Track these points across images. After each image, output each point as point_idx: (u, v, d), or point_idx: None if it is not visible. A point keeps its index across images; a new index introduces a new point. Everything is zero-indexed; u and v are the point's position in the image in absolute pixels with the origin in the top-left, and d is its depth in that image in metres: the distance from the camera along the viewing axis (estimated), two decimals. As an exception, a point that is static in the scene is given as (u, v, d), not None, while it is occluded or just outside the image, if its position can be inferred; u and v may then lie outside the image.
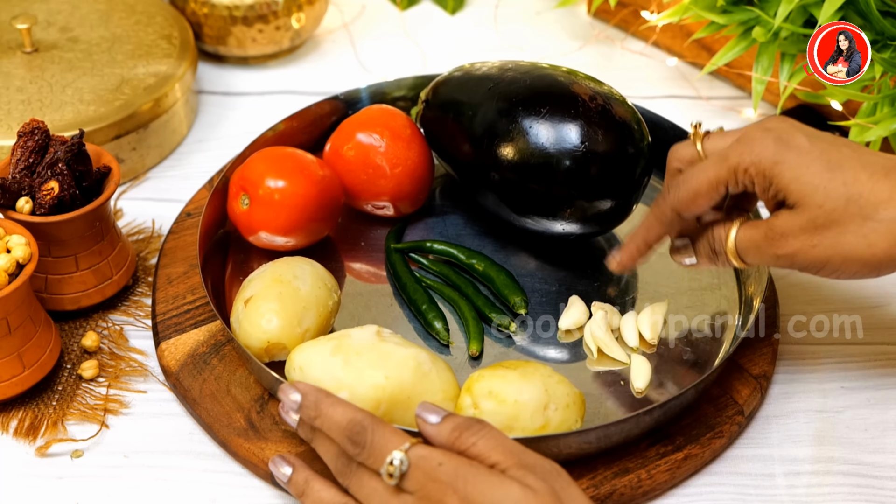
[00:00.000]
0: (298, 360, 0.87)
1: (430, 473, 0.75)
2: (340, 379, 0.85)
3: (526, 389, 0.85)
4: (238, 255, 1.03)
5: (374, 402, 0.84)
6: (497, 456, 0.76)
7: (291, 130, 1.08)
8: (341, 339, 0.87)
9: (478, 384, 0.86)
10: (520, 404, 0.84)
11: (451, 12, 1.34)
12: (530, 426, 0.84)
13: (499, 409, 0.84)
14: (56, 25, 1.17)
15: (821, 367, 0.97)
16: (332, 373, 0.85)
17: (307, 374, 0.86)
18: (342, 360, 0.85)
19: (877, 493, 0.88)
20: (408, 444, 0.77)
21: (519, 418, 0.84)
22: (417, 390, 0.85)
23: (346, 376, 0.85)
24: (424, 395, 0.85)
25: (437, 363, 0.87)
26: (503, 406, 0.84)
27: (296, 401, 0.82)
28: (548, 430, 0.85)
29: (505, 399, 0.84)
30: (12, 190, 0.93)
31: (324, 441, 0.81)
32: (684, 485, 0.89)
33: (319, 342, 0.87)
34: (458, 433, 0.77)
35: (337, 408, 0.80)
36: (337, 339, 0.87)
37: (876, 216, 0.81)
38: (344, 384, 0.85)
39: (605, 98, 0.97)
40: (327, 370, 0.85)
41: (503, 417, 0.84)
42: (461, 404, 0.86)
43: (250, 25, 1.22)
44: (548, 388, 0.85)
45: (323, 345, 0.87)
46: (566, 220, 0.97)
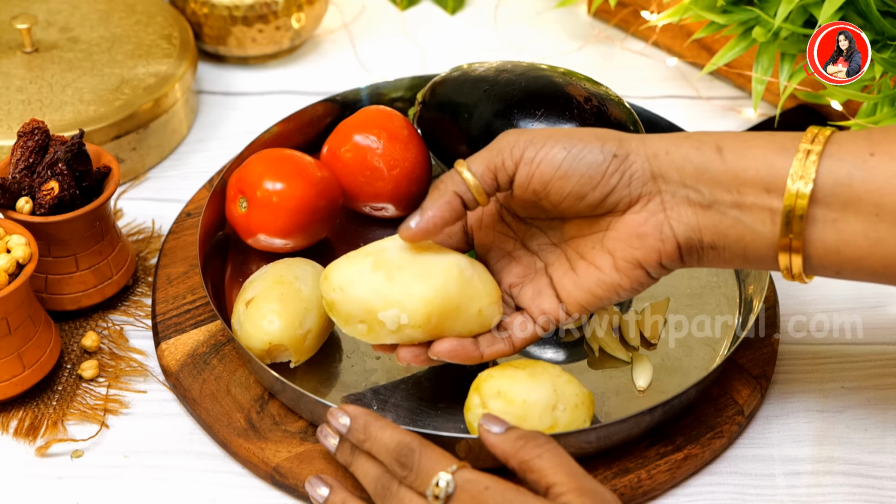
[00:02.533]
0: (337, 280, 0.85)
1: (476, 497, 0.75)
2: (387, 296, 0.84)
3: (535, 389, 0.85)
4: (238, 255, 1.03)
5: (424, 316, 0.84)
6: (558, 476, 0.76)
7: (288, 132, 1.08)
8: (379, 254, 0.85)
9: (486, 384, 0.85)
10: (528, 404, 0.84)
11: (451, 12, 1.34)
12: (539, 426, 0.84)
13: (507, 408, 0.84)
14: (56, 25, 1.17)
15: (821, 367, 0.97)
16: (377, 290, 0.84)
17: (349, 293, 0.84)
18: (385, 276, 0.84)
19: (877, 493, 0.88)
20: (455, 467, 0.77)
21: (527, 418, 0.84)
22: (464, 299, 0.85)
23: (393, 293, 0.84)
24: (471, 302, 0.85)
25: (476, 267, 0.87)
26: (511, 406, 0.84)
27: (345, 424, 0.82)
28: (556, 431, 0.85)
29: (513, 399, 0.84)
30: (12, 190, 0.93)
31: (364, 463, 0.81)
32: (684, 485, 0.89)
33: (355, 258, 0.86)
34: (522, 443, 0.78)
35: (386, 430, 0.81)
36: (374, 255, 0.85)
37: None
38: (392, 301, 0.84)
39: (601, 99, 0.97)
40: (372, 288, 0.84)
41: (511, 417, 0.84)
42: (469, 404, 0.86)
43: (250, 25, 1.22)
44: (556, 388, 0.85)
45: (361, 261, 0.85)
46: (566, 220, 0.97)
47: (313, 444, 0.88)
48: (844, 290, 1.02)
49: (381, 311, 0.84)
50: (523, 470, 0.77)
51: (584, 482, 0.75)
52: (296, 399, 0.89)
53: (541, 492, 0.76)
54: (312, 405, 0.88)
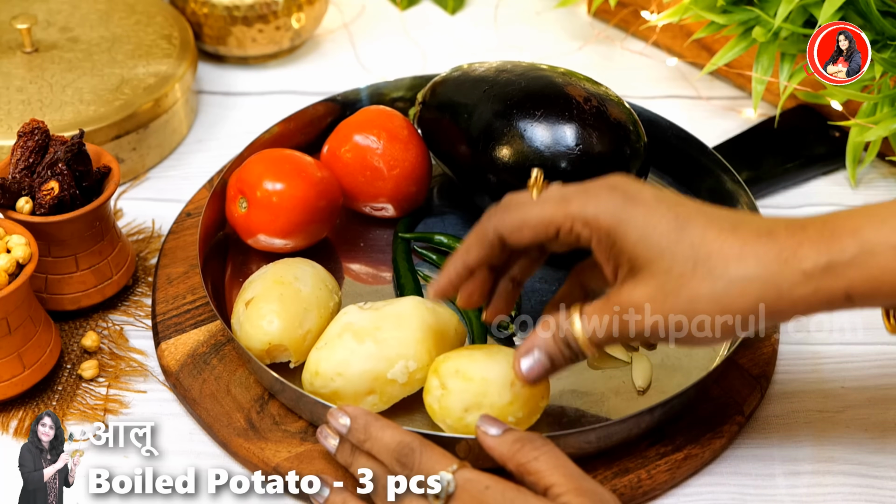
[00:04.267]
0: (331, 368, 0.88)
1: (476, 496, 0.76)
2: (387, 355, 0.87)
3: (492, 367, 0.86)
4: (238, 255, 1.03)
5: (426, 353, 0.88)
6: (556, 477, 0.76)
7: (288, 132, 1.08)
8: (349, 328, 0.88)
9: (444, 364, 0.87)
10: (487, 381, 0.85)
11: (451, 12, 1.34)
12: (498, 402, 0.85)
13: (466, 386, 0.85)
14: (56, 25, 1.17)
15: (821, 367, 0.97)
16: (376, 356, 0.87)
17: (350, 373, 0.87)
18: (373, 341, 0.87)
19: (877, 493, 0.88)
20: (455, 466, 0.78)
21: (487, 394, 0.85)
22: (441, 324, 0.90)
23: (391, 350, 0.88)
24: (447, 325, 0.90)
25: (427, 301, 0.91)
26: (470, 384, 0.85)
27: (345, 424, 0.83)
28: (515, 406, 0.85)
29: (472, 377, 0.85)
30: (12, 190, 0.93)
31: (365, 464, 0.81)
32: (684, 485, 0.89)
33: (330, 342, 0.88)
34: (519, 445, 0.78)
35: (386, 430, 0.81)
36: (346, 330, 0.88)
37: (726, 275, 0.75)
38: (393, 357, 0.87)
39: (601, 99, 0.97)
40: (370, 356, 0.87)
41: (471, 395, 0.85)
42: (429, 386, 0.87)
43: (250, 25, 1.22)
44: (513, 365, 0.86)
45: (339, 341, 0.88)
46: (565, 221, 0.97)
47: (313, 444, 0.88)
48: (844, 290, 1.02)
49: (388, 370, 0.87)
50: (521, 472, 0.77)
51: (582, 483, 0.75)
52: (296, 399, 0.89)
53: (539, 493, 0.76)
54: (312, 405, 0.88)
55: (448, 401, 0.86)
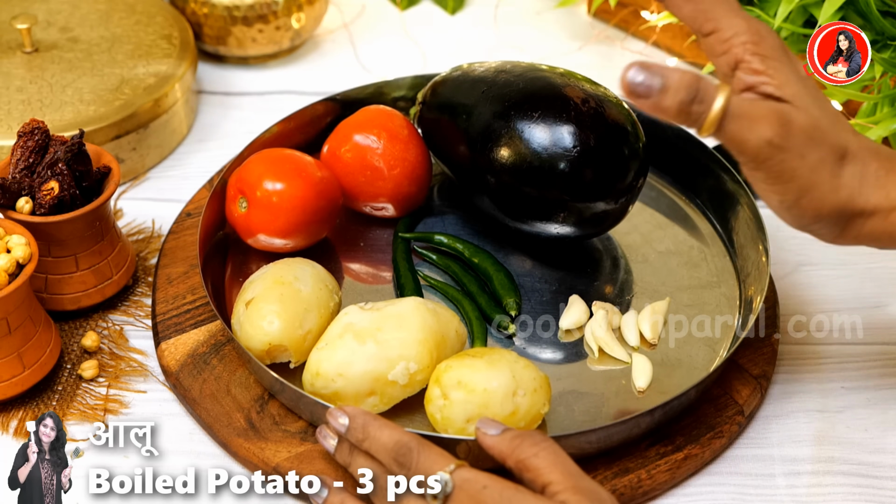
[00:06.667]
0: (332, 368, 0.88)
1: (474, 496, 0.76)
2: (388, 356, 0.88)
3: (494, 377, 0.86)
4: (238, 255, 1.03)
5: (428, 355, 0.89)
6: (554, 475, 0.76)
7: (288, 132, 1.08)
8: (350, 328, 0.89)
9: (446, 375, 0.86)
10: (489, 392, 0.85)
11: (451, 12, 1.34)
12: (500, 413, 0.85)
13: (468, 398, 0.85)
14: (56, 25, 1.17)
15: (821, 367, 0.97)
16: (376, 357, 0.88)
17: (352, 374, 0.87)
18: (374, 342, 0.88)
19: (877, 493, 0.88)
20: (453, 466, 0.78)
21: (489, 406, 0.85)
22: (442, 325, 0.90)
23: (391, 351, 0.88)
24: (448, 326, 0.91)
25: (428, 301, 0.92)
26: (473, 395, 0.85)
27: (344, 424, 0.83)
28: (517, 416, 0.85)
29: (474, 388, 0.85)
30: (12, 190, 0.93)
31: (363, 463, 0.82)
32: (684, 485, 0.89)
33: (331, 343, 0.89)
34: (518, 442, 0.78)
35: (384, 430, 0.81)
36: (348, 331, 0.89)
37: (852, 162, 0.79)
38: (393, 358, 0.88)
39: (599, 100, 0.97)
40: (371, 357, 0.87)
41: (473, 406, 0.85)
42: (430, 395, 0.87)
43: (250, 25, 1.22)
44: (515, 374, 0.86)
45: (340, 342, 0.88)
46: (560, 224, 0.97)
47: (313, 444, 0.88)
48: (844, 291, 1.02)
49: (390, 371, 0.87)
50: (520, 469, 0.77)
51: (580, 481, 0.75)
52: (295, 399, 0.89)
53: (537, 490, 0.76)
54: (312, 406, 0.88)
55: (450, 412, 0.86)
